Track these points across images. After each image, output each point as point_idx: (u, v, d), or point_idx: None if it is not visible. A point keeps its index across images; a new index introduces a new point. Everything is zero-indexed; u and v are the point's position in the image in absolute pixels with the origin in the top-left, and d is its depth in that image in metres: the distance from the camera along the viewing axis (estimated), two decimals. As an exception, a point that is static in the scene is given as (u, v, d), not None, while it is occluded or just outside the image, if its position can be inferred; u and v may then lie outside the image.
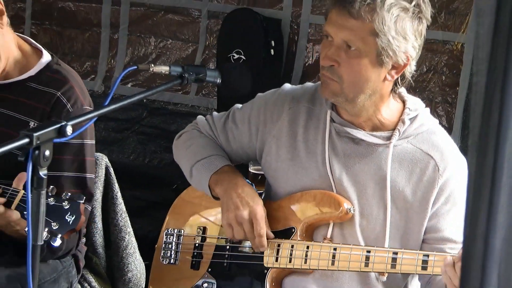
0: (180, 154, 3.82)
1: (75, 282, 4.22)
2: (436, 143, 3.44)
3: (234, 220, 3.48)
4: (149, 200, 4.43)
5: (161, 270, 3.85)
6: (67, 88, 3.94)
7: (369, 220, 3.44)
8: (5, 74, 3.95)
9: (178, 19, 5.61)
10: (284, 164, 3.57)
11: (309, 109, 3.56)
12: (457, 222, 3.39)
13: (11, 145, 2.82)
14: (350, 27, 3.27)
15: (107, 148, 4.73)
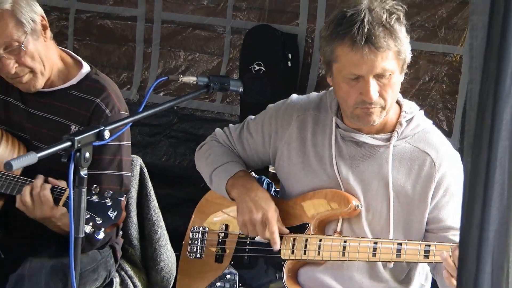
0: (201, 163, 3.83)
1: (113, 271, 4.23)
2: (431, 141, 3.45)
3: (249, 222, 3.50)
4: (179, 197, 4.42)
5: (188, 264, 3.86)
6: (105, 95, 3.96)
7: (375, 214, 3.44)
8: (49, 83, 3.98)
9: (205, 34, 5.61)
10: (296, 167, 3.58)
11: (316, 116, 3.57)
12: (456, 211, 3.38)
13: (55, 147, 2.85)
14: (381, 59, 3.24)
15: (141, 151, 4.73)
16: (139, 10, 5.72)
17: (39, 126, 4.00)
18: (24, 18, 3.86)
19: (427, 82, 5.09)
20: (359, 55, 3.22)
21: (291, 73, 5.31)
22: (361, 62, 3.23)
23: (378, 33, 3.20)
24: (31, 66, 3.87)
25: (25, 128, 4.03)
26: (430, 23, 5.08)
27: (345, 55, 3.27)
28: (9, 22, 3.84)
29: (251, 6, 5.48)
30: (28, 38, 3.86)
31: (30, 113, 4.03)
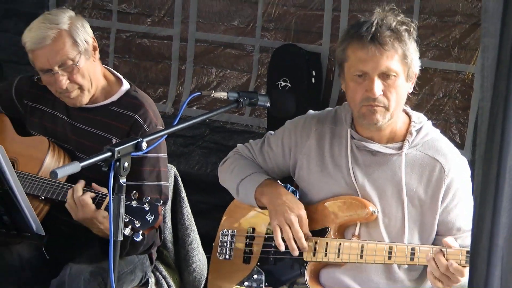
0: (225, 177, 3.85)
1: (148, 272, 4.23)
2: (440, 148, 3.46)
3: (284, 222, 3.50)
4: (210, 203, 4.42)
5: (218, 265, 3.86)
6: (143, 111, 3.98)
7: (390, 218, 3.45)
8: (93, 99, 4.01)
9: (235, 53, 5.61)
10: (316, 176, 3.59)
11: (332, 129, 3.59)
12: (464, 213, 3.42)
13: (97, 157, 2.86)
14: (386, 58, 3.30)
15: (175, 160, 4.73)
16: (175, 30, 5.73)
17: (82, 138, 4.03)
18: (79, 39, 3.90)
19: (441, 98, 5.07)
20: (365, 51, 3.30)
21: (315, 89, 5.29)
22: (367, 58, 3.30)
23: (385, 34, 3.28)
24: (80, 83, 3.91)
25: (69, 140, 4.05)
26: (444, 43, 5.07)
27: (353, 52, 3.35)
28: (66, 41, 3.88)
29: (278, 27, 5.47)
30: (81, 57, 3.90)
31: (74, 126, 4.06)
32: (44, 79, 3.94)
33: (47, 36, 3.84)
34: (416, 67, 3.38)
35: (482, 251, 1.57)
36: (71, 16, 3.94)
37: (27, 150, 4.06)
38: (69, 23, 3.89)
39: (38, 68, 3.91)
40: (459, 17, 5.05)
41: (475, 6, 5.00)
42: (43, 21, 3.92)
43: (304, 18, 5.41)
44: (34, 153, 4.02)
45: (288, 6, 5.45)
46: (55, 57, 3.85)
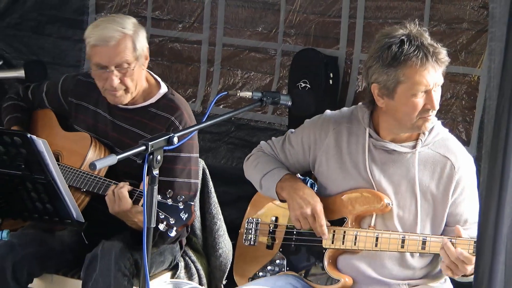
0: (250, 172, 3.85)
1: (178, 256, 4.25)
2: (450, 147, 3.48)
3: (301, 216, 3.52)
4: (235, 194, 4.43)
5: (243, 250, 3.87)
6: (179, 113, 4.00)
7: (404, 211, 3.45)
8: (133, 100, 4.01)
9: (259, 56, 5.60)
10: (334, 172, 3.59)
11: (349, 128, 3.59)
12: (471, 206, 3.43)
13: (132, 151, 2.87)
14: (439, 72, 3.34)
15: (204, 155, 4.73)
16: (204, 35, 5.73)
17: (121, 135, 4.04)
18: (139, 45, 3.92)
19: (449, 99, 5.05)
20: (425, 69, 3.28)
21: (332, 90, 5.28)
22: (427, 74, 3.29)
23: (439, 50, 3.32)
24: (128, 85, 3.93)
25: (110, 136, 4.07)
26: (452, 48, 5.04)
27: (412, 74, 3.28)
28: (128, 45, 3.90)
29: (299, 32, 5.46)
30: (136, 63, 3.91)
31: (115, 124, 4.08)
32: (96, 74, 3.95)
33: (112, 37, 3.86)
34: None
35: (487, 239, 1.56)
36: (135, 23, 3.97)
37: (70, 144, 4.07)
38: (133, 29, 3.92)
39: (94, 62, 3.92)
40: (466, 24, 5.03)
41: (481, 14, 4.98)
42: (110, 22, 3.95)
43: (323, 25, 5.40)
44: (77, 148, 4.03)
45: (308, 14, 5.43)
46: (115, 58, 3.88)
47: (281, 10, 5.49)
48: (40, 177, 3.33)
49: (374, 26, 5.19)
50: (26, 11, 6.13)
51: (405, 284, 3.51)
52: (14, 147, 3.27)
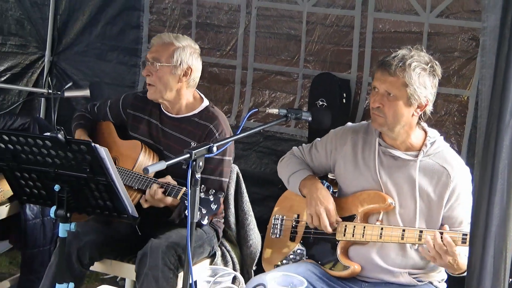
0: (282, 170, 3.88)
1: (216, 246, 4.24)
2: (448, 159, 3.47)
3: (314, 213, 3.56)
4: (263, 194, 4.42)
5: (271, 241, 3.88)
6: (217, 123, 4.03)
7: (405, 209, 3.45)
8: (180, 111, 4.13)
9: (283, 79, 5.60)
10: (350, 174, 3.61)
11: (364, 138, 3.61)
12: (465, 210, 3.43)
13: (179, 158, 2.88)
14: (389, 81, 3.35)
15: (237, 161, 4.72)
16: (238, 61, 5.73)
17: (169, 140, 4.09)
18: (176, 57, 4.01)
19: (443, 115, 5.03)
20: (378, 73, 3.45)
21: (345, 107, 5.26)
22: (377, 77, 3.42)
23: (393, 63, 3.33)
24: (153, 81, 4.04)
25: (160, 141, 4.12)
26: (445, 73, 5.00)
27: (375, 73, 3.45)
28: (167, 52, 4.02)
29: (317, 59, 5.46)
30: (166, 67, 3.97)
31: (164, 131, 4.12)
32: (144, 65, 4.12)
33: (164, 40, 4.04)
34: (420, 97, 3.36)
35: (479, 235, 1.55)
36: (191, 46, 4.08)
37: (125, 150, 4.11)
38: (182, 45, 4.04)
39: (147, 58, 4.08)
40: (458, 53, 5.01)
41: (470, 44, 4.96)
42: (175, 35, 4.10)
43: (337, 53, 5.39)
44: (130, 153, 4.07)
45: (324, 44, 5.43)
46: (153, 53, 4.03)
47: (302, 41, 5.48)
48: (102, 179, 3.33)
49: (380, 54, 5.16)
50: (91, 41, 6.17)
51: (406, 273, 3.50)
52: (80, 154, 3.28)
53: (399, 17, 5.14)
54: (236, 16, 5.68)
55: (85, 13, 6.15)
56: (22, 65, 6.40)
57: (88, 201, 3.45)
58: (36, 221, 5.06)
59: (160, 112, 4.16)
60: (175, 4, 5.88)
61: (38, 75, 6.35)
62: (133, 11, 6.01)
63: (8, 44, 6.46)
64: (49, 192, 3.47)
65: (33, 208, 5.02)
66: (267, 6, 5.58)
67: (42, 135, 3.33)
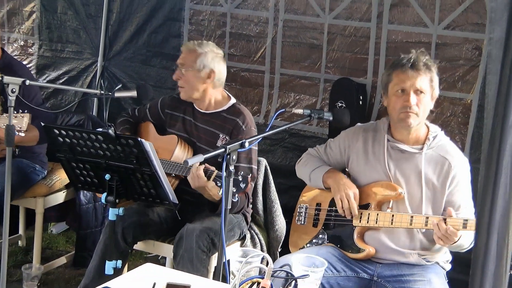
0: (301, 170, 3.89)
1: (245, 230, 4.25)
2: (449, 150, 3.49)
3: (344, 196, 3.55)
4: (288, 185, 4.41)
5: (296, 228, 3.89)
6: (242, 117, 4.05)
7: (413, 197, 3.46)
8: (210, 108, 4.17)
9: (307, 83, 5.57)
10: (362, 168, 3.62)
11: (374, 135, 3.62)
12: (464, 195, 3.46)
13: (215, 152, 2.88)
14: (421, 79, 3.37)
15: (265, 155, 4.72)
16: (266, 67, 5.72)
17: (201, 133, 4.12)
18: (199, 61, 4.05)
19: (449, 117, 4.98)
20: (405, 75, 3.38)
21: (362, 108, 5.23)
22: (406, 79, 3.39)
23: (420, 63, 3.36)
24: (183, 85, 4.08)
25: (193, 135, 4.14)
26: (451, 79, 4.98)
27: (396, 75, 3.41)
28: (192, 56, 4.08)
29: (337, 65, 5.42)
30: (191, 72, 4.01)
31: (197, 125, 4.15)
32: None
33: (190, 48, 4.10)
34: (437, 90, 3.43)
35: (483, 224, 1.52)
36: (214, 51, 4.13)
37: (163, 144, 4.14)
38: (205, 51, 4.08)
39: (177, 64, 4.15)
40: (462, 61, 4.96)
41: (474, 54, 4.91)
42: (200, 42, 4.15)
43: (355, 60, 5.36)
44: (167, 146, 4.10)
45: (343, 52, 5.40)
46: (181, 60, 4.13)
47: (323, 49, 5.46)
48: (147, 169, 3.35)
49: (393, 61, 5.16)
50: (138, 48, 6.19)
51: (415, 254, 3.51)
52: (128, 147, 3.30)
53: (410, 29, 5.10)
54: (265, 27, 5.67)
55: (133, 24, 6.18)
56: (78, 69, 6.45)
57: (135, 189, 3.47)
58: (89, 206, 5.10)
59: (193, 109, 4.21)
60: (212, 17, 5.88)
61: (92, 78, 6.38)
62: (175, 22, 6.02)
63: (66, 51, 6.51)
64: (101, 181, 3.49)
65: (86, 194, 5.06)
66: (292, 18, 5.56)
67: (95, 130, 3.34)
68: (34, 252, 4.86)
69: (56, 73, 6.53)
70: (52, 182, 4.90)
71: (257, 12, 5.68)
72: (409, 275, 3.45)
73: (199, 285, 2.74)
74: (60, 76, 6.51)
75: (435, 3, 5.00)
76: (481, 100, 4.87)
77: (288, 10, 5.56)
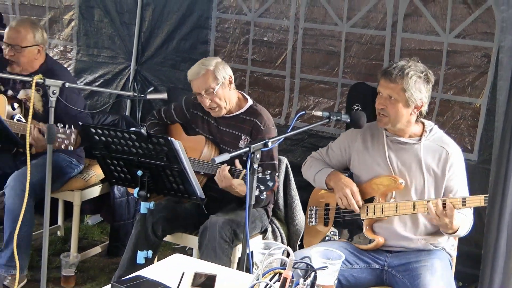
0: (306, 171, 3.92)
1: (266, 223, 4.25)
2: (445, 140, 3.55)
3: (342, 195, 3.58)
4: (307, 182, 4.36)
5: (309, 228, 3.92)
6: (260, 117, 4.06)
7: (416, 184, 3.49)
8: (230, 111, 4.13)
9: (325, 87, 5.55)
10: (363, 164, 3.65)
11: (372, 133, 3.66)
12: (459, 181, 3.50)
13: (240, 151, 2.89)
14: (391, 87, 3.45)
15: (286, 154, 4.70)
16: (287, 72, 5.70)
17: (223, 135, 4.12)
18: (219, 76, 3.97)
19: (459, 120, 4.94)
20: (382, 80, 3.51)
21: (376, 111, 5.23)
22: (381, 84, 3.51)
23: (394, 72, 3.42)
24: (218, 103, 3.99)
25: (217, 136, 4.13)
26: (461, 84, 4.94)
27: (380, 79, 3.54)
28: (210, 77, 3.96)
29: (353, 71, 5.40)
30: (219, 87, 3.95)
31: (219, 128, 4.14)
32: (198, 99, 4.06)
33: (199, 72, 3.97)
34: (418, 101, 3.45)
35: (493, 221, 1.51)
36: (217, 61, 4.03)
37: (192, 144, 4.14)
38: (214, 65, 3.98)
39: (193, 91, 4.04)
40: (472, 68, 4.91)
41: (483, 61, 4.86)
42: (200, 63, 4.06)
43: (370, 66, 5.33)
44: (196, 146, 4.10)
45: (359, 58, 5.37)
46: (202, 86, 3.96)
47: (341, 56, 5.44)
48: (176, 166, 3.36)
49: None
50: (168, 54, 6.21)
51: (423, 239, 3.55)
52: (159, 146, 3.31)
53: (422, 37, 5.07)
54: (286, 35, 5.66)
55: (163, 31, 6.20)
56: (112, 73, 6.48)
57: (164, 185, 3.49)
58: (122, 200, 5.12)
59: None
60: (236, 25, 5.89)
61: (125, 81, 6.41)
62: (202, 29, 6.03)
63: (102, 56, 6.55)
64: (133, 176, 3.51)
65: (120, 189, 5.09)
66: (312, 27, 5.55)
67: (129, 130, 3.36)
68: (72, 241, 4.91)
69: (93, 76, 6.58)
70: (89, 177, 4.93)
71: (279, 20, 5.67)
72: (416, 262, 3.47)
73: (224, 275, 2.75)
74: (96, 79, 6.56)
75: (446, 13, 4.97)
76: (489, 105, 4.82)
77: (307, 19, 5.54)
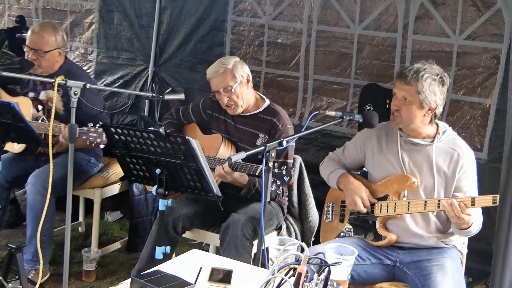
0: (322, 171, 3.94)
1: (282, 220, 4.25)
2: (457, 143, 3.52)
3: (352, 201, 3.61)
4: (320, 180, 4.34)
5: (325, 224, 3.93)
6: (278, 116, 4.05)
7: (426, 185, 3.49)
8: (247, 110, 4.14)
9: (338, 87, 5.54)
10: (378, 162, 3.64)
11: (386, 132, 3.65)
12: (469, 182, 3.47)
13: (256, 150, 2.89)
14: (405, 89, 3.44)
15: (300, 153, 4.68)
16: (300, 73, 5.70)
17: (241, 134, 4.11)
18: (237, 74, 3.97)
19: (469, 119, 4.92)
20: (397, 82, 3.50)
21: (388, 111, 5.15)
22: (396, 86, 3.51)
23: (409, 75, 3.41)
24: (235, 101, 3.99)
25: (234, 135, 4.14)
26: (471, 85, 4.92)
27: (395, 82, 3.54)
28: (228, 75, 3.97)
29: (366, 72, 5.39)
30: (237, 85, 3.95)
31: (237, 127, 4.14)
32: (216, 97, 4.08)
33: (218, 71, 3.98)
34: (431, 102, 3.42)
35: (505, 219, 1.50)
36: (236, 60, 4.04)
37: (209, 143, 4.14)
38: (233, 64, 3.99)
39: (212, 89, 4.05)
40: (481, 69, 4.89)
41: (492, 62, 4.84)
42: (218, 61, 4.07)
43: (382, 67, 5.32)
44: (213, 144, 4.10)
45: (371, 59, 5.36)
46: (220, 84, 3.97)
47: (353, 57, 5.43)
48: (193, 165, 3.35)
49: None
50: (185, 56, 6.23)
51: (434, 237, 3.54)
52: (177, 144, 3.31)
53: (433, 39, 5.05)
54: (299, 37, 5.65)
55: (180, 34, 6.21)
56: (131, 74, 6.51)
57: (182, 182, 3.48)
58: (141, 197, 5.14)
59: None
60: (251, 27, 5.89)
61: (143, 82, 6.44)
62: (218, 32, 6.04)
63: (121, 58, 6.59)
64: (152, 174, 3.51)
65: (138, 187, 5.11)
66: (325, 29, 5.54)
67: (147, 129, 3.36)
68: (93, 237, 4.93)
69: (112, 77, 6.61)
70: (108, 175, 4.95)
71: (292, 23, 5.66)
72: (427, 260, 3.47)
73: (240, 270, 2.75)
74: (115, 81, 6.59)
75: (456, 16, 4.94)
76: (499, 105, 4.80)
77: (320, 21, 5.53)
